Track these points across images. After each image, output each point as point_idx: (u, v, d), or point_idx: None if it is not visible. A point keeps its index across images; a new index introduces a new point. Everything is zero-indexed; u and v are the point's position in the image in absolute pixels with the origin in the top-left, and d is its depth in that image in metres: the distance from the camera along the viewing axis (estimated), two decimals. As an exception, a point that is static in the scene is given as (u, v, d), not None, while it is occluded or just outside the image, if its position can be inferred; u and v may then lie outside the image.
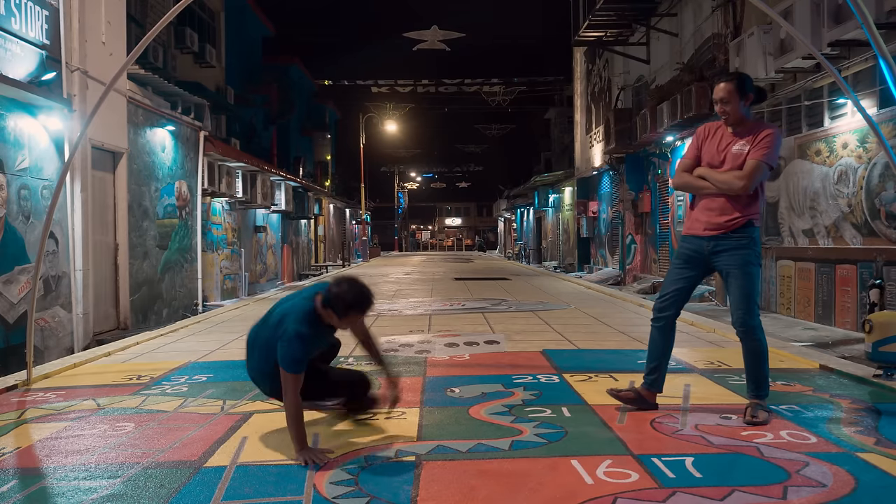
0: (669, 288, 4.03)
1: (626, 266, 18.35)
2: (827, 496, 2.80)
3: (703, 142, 3.98)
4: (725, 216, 3.81)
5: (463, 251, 63.80)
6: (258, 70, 24.94)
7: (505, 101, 33.01)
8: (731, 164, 3.81)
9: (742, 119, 3.86)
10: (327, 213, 31.04)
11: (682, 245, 4.03)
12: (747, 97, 3.84)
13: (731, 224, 3.80)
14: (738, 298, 3.81)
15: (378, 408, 4.06)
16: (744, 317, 3.79)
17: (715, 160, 3.89)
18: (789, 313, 9.71)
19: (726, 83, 3.85)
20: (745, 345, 3.88)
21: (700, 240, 3.91)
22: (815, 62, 8.45)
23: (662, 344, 4.07)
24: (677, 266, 4.04)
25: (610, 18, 16.55)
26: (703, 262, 3.94)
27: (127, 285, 10.05)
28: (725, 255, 3.82)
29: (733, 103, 3.82)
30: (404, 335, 7.55)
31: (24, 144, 7.77)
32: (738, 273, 3.79)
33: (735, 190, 3.76)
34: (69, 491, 2.98)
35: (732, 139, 3.86)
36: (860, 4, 4.34)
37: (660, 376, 4.09)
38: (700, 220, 3.91)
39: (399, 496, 2.84)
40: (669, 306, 4.02)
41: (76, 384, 5.28)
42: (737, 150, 3.81)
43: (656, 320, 4.07)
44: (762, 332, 3.86)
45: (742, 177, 3.74)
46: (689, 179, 3.97)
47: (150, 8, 14.10)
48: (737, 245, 3.80)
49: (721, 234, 3.82)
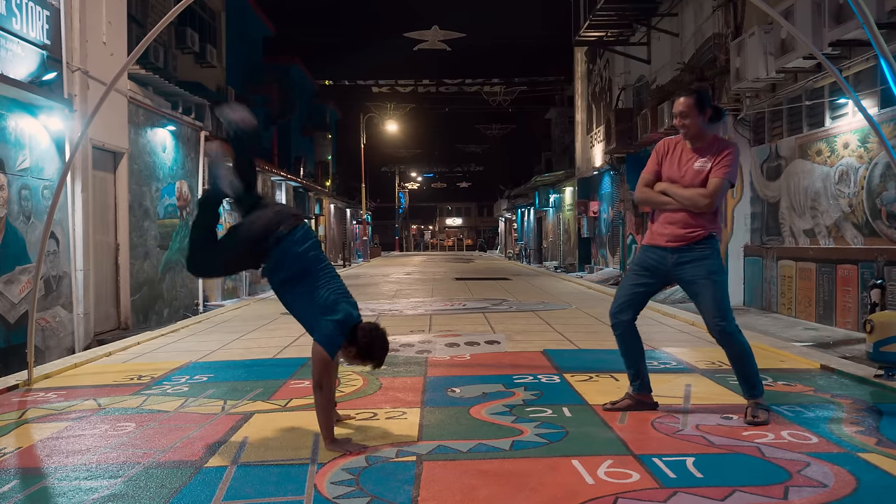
0: (627, 293, 4.08)
1: (626, 266, 18.35)
2: (828, 496, 2.80)
3: (663, 157, 4.06)
4: (687, 229, 3.88)
5: (463, 251, 63.80)
6: (259, 70, 24.94)
7: (506, 101, 32.97)
8: (692, 179, 3.89)
9: (700, 133, 3.94)
10: (328, 213, 31.05)
11: (644, 254, 4.08)
12: (706, 112, 3.92)
13: (694, 236, 3.87)
14: (710, 307, 3.85)
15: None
16: (720, 324, 3.83)
17: (675, 175, 3.96)
18: (790, 313, 9.71)
19: (686, 98, 3.94)
20: (727, 351, 3.92)
21: (663, 251, 3.96)
22: (816, 62, 8.45)
23: (631, 348, 4.10)
24: (635, 272, 4.09)
25: (611, 18, 16.55)
26: (664, 272, 3.99)
27: (128, 285, 10.05)
28: (689, 266, 3.88)
29: (692, 117, 3.90)
30: (405, 335, 7.55)
31: (24, 144, 7.77)
32: (705, 283, 3.85)
33: (699, 207, 3.85)
34: (70, 491, 2.98)
35: (692, 155, 3.94)
36: (861, 4, 4.34)
37: (643, 379, 4.12)
38: (662, 234, 3.97)
39: (400, 496, 2.84)
40: (625, 311, 4.07)
41: (77, 384, 5.28)
42: (698, 166, 3.89)
43: (615, 326, 4.11)
44: (740, 333, 3.90)
45: (706, 195, 3.83)
46: (651, 195, 4.04)
47: (150, 8, 14.09)
48: (700, 256, 3.87)
49: (684, 245, 3.89)
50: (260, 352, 6.68)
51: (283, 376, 5.34)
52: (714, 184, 3.82)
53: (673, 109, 4.02)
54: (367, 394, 4.71)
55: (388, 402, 4.46)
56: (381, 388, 4.88)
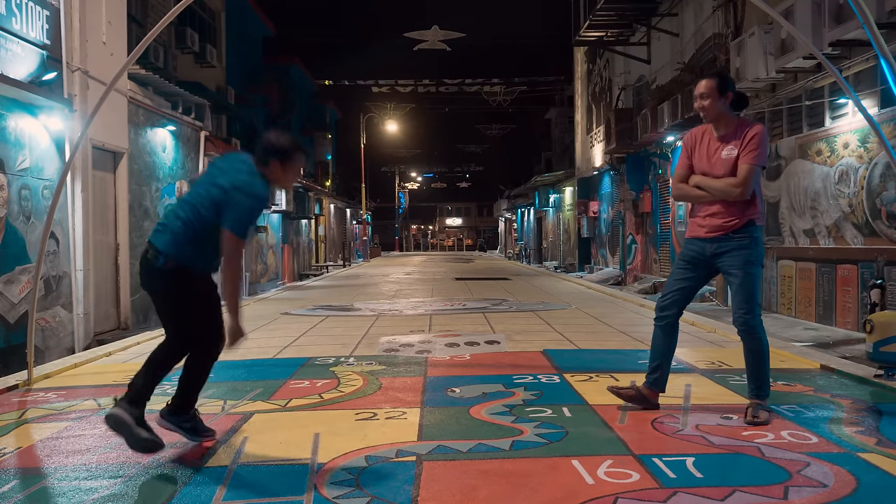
0: (672, 287, 4.08)
1: (626, 266, 18.35)
2: (828, 496, 2.80)
3: (692, 150, 4.05)
4: (726, 218, 3.86)
5: (463, 251, 63.80)
6: (259, 70, 24.92)
7: (505, 101, 32.99)
8: (723, 169, 3.87)
9: (721, 116, 3.91)
10: (328, 213, 31.05)
11: (686, 247, 4.09)
12: (727, 96, 3.90)
13: (732, 225, 3.85)
14: (739, 298, 3.84)
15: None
16: (745, 316, 3.83)
17: (706, 167, 3.95)
18: (790, 313, 9.71)
19: (707, 80, 3.94)
20: (746, 344, 3.91)
21: (703, 242, 3.95)
22: (816, 62, 8.45)
23: (665, 343, 4.09)
24: (680, 267, 4.09)
25: (611, 18, 16.55)
26: (705, 263, 3.98)
27: (127, 285, 10.05)
28: (727, 255, 3.87)
29: (712, 98, 3.88)
30: (405, 335, 7.55)
31: (24, 144, 7.77)
32: (739, 273, 3.83)
33: (733, 196, 3.82)
34: (70, 491, 2.98)
35: (720, 144, 3.92)
36: (861, 4, 4.34)
37: (662, 375, 4.10)
38: (701, 224, 3.97)
39: (399, 496, 2.84)
40: (671, 305, 4.06)
41: (77, 384, 5.28)
42: (726, 154, 3.87)
43: (658, 319, 4.11)
44: (763, 331, 3.88)
45: (738, 184, 3.80)
46: (686, 190, 4.04)
47: (150, 8, 14.09)
48: (738, 245, 3.84)
49: (722, 235, 3.87)
50: (259, 352, 6.67)
51: (282, 376, 5.34)
52: (744, 170, 3.78)
53: (694, 92, 3.99)
54: (366, 394, 4.70)
55: (388, 402, 4.46)
56: (381, 388, 4.88)
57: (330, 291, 14.90)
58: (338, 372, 5.47)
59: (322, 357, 6.19)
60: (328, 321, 9.05)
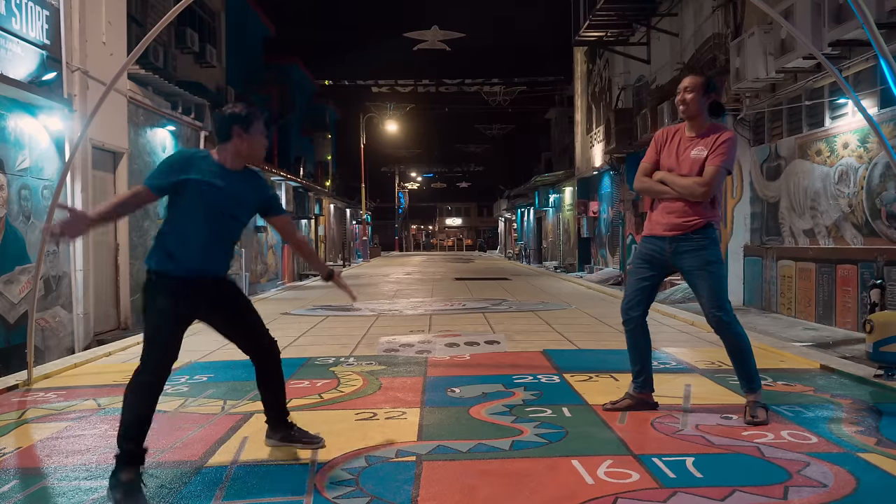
0: (633, 288, 4.09)
1: (626, 266, 18.34)
2: (828, 496, 2.80)
3: (661, 146, 4.06)
4: (686, 217, 3.87)
5: (463, 251, 63.80)
6: (259, 70, 24.93)
7: (505, 101, 33.00)
8: (689, 168, 3.88)
9: (699, 114, 3.92)
10: (328, 213, 31.05)
11: (643, 245, 4.08)
12: (709, 96, 3.92)
13: (692, 225, 3.86)
14: (706, 297, 3.86)
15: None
16: (717, 314, 3.84)
17: (673, 164, 3.96)
18: (790, 313, 9.71)
19: (694, 76, 3.98)
20: (725, 342, 3.92)
21: (661, 240, 3.96)
22: (816, 62, 8.45)
23: (639, 345, 4.11)
24: (638, 266, 4.09)
25: (610, 18, 16.55)
26: (663, 262, 3.99)
27: (127, 285, 10.05)
28: (687, 255, 3.88)
29: (696, 93, 3.89)
30: (405, 335, 7.55)
31: (24, 144, 7.77)
32: (702, 273, 3.85)
33: (696, 196, 3.83)
34: (70, 491, 2.98)
35: (690, 143, 3.94)
36: (861, 4, 4.34)
37: (647, 376, 4.12)
38: (660, 223, 3.97)
39: (399, 496, 2.84)
40: (636, 307, 4.07)
41: (77, 384, 5.28)
42: (695, 154, 3.88)
43: (626, 323, 4.12)
44: (739, 325, 3.89)
45: (703, 183, 3.81)
46: (649, 184, 4.04)
47: (150, 8, 14.08)
48: (697, 246, 3.86)
49: (680, 234, 3.88)
50: (260, 352, 6.66)
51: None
52: (710, 171, 3.80)
53: (679, 86, 4.01)
54: (366, 394, 4.71)
55: (388, 402, 4.46)
56: (381, 388, 4.88)
57: (330, 291, 14.89)
58: (338, 372, 5.47)
59: (322, 357, 6.19)
60: (328, 321, 9.05)
